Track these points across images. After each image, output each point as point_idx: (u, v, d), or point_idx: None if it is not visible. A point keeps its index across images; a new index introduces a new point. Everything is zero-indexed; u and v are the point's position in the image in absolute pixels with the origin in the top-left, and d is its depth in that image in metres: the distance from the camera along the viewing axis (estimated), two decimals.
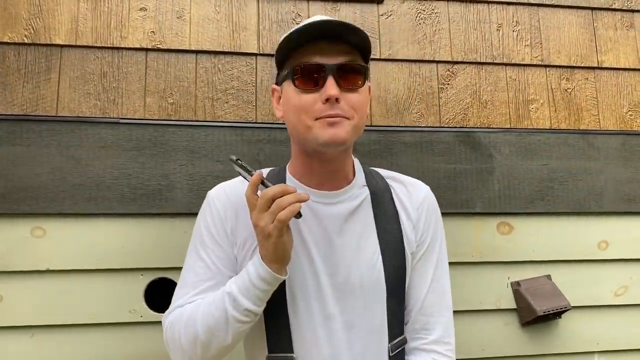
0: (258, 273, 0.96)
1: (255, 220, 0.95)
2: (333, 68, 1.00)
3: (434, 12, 1.89)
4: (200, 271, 1.06)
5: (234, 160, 0.99)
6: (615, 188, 1.87)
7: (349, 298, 1.06)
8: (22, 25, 1.65)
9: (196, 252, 1.08)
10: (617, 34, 1.99)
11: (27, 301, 1.53)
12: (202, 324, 0.98)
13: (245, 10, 1.78)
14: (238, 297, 0.96)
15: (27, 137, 1.59)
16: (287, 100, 1.05)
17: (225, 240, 1.07)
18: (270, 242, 0.94)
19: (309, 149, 1.05)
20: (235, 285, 0.98)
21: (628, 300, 1.84)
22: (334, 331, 1.05)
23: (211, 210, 1.09)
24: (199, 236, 1.09)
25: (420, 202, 1.17)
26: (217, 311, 0.98)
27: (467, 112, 1.86)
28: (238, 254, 1.07)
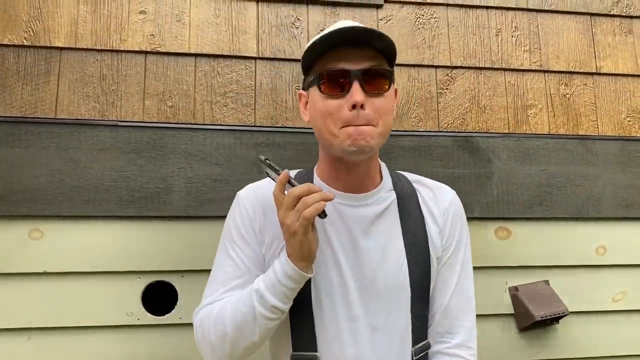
0: (284, 270, 0.98)
1: (282, 218, 0.97)
2: (358, 73, 1.00)
3: (433, 17, 1.90)
4: (229, 269, 1.08)
5: (262, 160, 1.01)
6: (614, 193, 1.87)
7: (373, 301, 1.07)
8: (22, 28, 1.65)
9: (225, 251, 1.11)
10: (615, 39, 2.00)
11: (24, 303, 1.53)
12: (230, 321, 1.00)
13: (244, 14, 1.78)
14: (265, 294, 0.98)
15: (26, 139, 1.59)
16: (313, 105, 1.06)
17: (253, 239, 1.09)
18: (296, 239, 0.95)
19: (335, 154, 1.06)
20: (262, 282, 1.00)
21: (626, 305, 1.84)
22: (358, 333, 1.06)
23: (240, 210, 1.12)
24: (229, 235, 1.12)
25: (447, 207, 1.18)
26: (245, 308, 0.99)
27: (466, 117, 1.86)
28: (266, 252, 1.09)
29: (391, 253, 1.10)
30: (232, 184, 1.66)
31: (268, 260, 1.09)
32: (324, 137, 1.05)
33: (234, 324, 1.00)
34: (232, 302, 1.02)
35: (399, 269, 1.09)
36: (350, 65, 1.01)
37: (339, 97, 1.01)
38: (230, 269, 1.08)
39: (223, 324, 1.01)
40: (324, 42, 1.01)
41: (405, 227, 1.12)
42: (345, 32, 1.00)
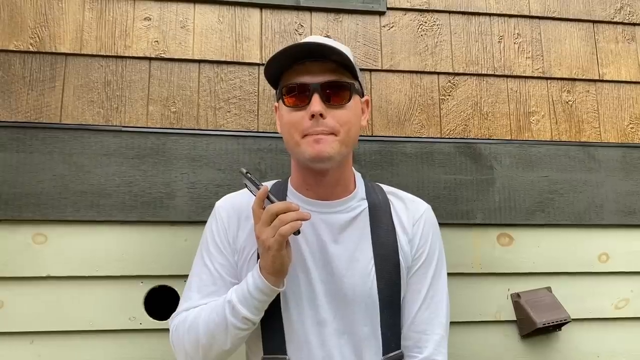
0: (256, 284, 1.02)
1: (258, 233, 1.01)
2: (317, 86, 1.05)
3: (435, 23, 1.91)
4: (204, 277, 1.12)
5: (243, 173, 1.05)
6: (616, 200, 1.87)
7: (341, 306, 1.10)
8: (28, 34, 1.67)
9: (202, 259, 1.15)
10: (618, 47, 2.00)
11: (27, 307, 1.54)
12: (203, 329, 1.04)
13: (248, 21, 1.79)
14: (237, 305, 1.02)
15: (31, 144, 1.60)
16: (280, 117, 1.13)
17: (227, 249, 1.13)
18: (269, 254, 0.99)
19: (302, 163, 1.11)
20: (235, 294, 1.04)
21: (629, 313, 1.83)
22: (326, 336, 1.08)
23: (216, 220, 1.16)
24: (205, 244, 1.16)
25: (418, 218, 1.20)
26: (217, 317, 1.03)
27: (468, 124, 1.86)
28: (238, 260, 1.13)
29: (359, 260, 1.11)
30: (234, 189, 1.64)
31: (240, 267, 1.12)
32: (290, 147, 1.11)
33: (207, 332, 1.04)
34: (206, 310, 1.06)
35: (367, 276, 1.11)
36: (310, 78, 1.06)
37: (301, 108, 1.06)
38: (205, 277, 1.12)
39: (196, 331, 1.05)
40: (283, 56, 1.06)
41: (375, 235, 1.14)
42: (302, 47, 1.05)
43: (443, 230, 1.75)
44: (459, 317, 1.74)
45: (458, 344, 1.73)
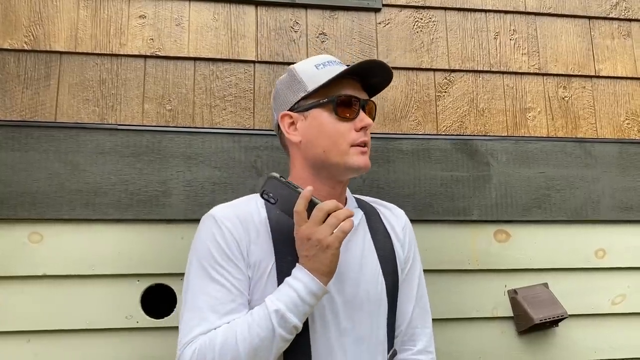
0: (309, 288, 0.97)
1: (310, 233, 0.97)
2: (365, 102, 1.14)
3: (431, 20, 1.91)
4: (218, 294, 1.01)
5: (277, 177, 1.02)
6: (613, 196, 1.87)
7: (357, 313, 1.09)
8: (22, 32, 1.66)
9: (207, 275, 1.03)
10: (614, 42, 2.00)
11: (24, 306, 1.54)
12: (244, 347, 0.94)
13: (243, 18, 1.79)
14: (286, 314, 0.95)
15: (26, 143, 1.60)
16: (318, 126, 1.12)
17: (242, 262, 1.05)
18: (328, 253, 0.96)
19: (333, 172, 1.12)
20: (280, 302, 0.96)
21: (626, 309, 1.83)
22: (347, 346, 1.07)
23: (222, 232, 1.06)
24: (208, 259, 1.04)
25: (404, 224, 1.28)
26: (262, 331, 0.95)
27: (464, 120, 1.86)
28: (253, 275, 1.05)
29: (368, 265, 1.14)
30: (231, 187, 1.66)
31: (255, 282, 1.05)
32: (327, 156, 1.11)
33: (250, 350, 0.94)
34: (243, 326, 0.96)
35: (377, 280, 1.13)
36: (358, 94, 1.14)
37: (348, 120, 1.11)
38: (220, 294, 1.01)
39: (234, 351, 0.94)
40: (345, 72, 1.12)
41: (376, 240, 1.18)
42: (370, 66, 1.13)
43: (440, 227, 1.78)
44: (456, 313, 1.74)
45: (455, 340, 1.73)
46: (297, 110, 1.15)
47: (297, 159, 1.17)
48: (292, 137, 1.15)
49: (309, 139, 1.13)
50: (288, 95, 1.17)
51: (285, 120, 1.16)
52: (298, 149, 1.16)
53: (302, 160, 1.15)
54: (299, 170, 1.17)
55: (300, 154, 1.15)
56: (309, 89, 1.13)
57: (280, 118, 1.16)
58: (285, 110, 1.16)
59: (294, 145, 1.16)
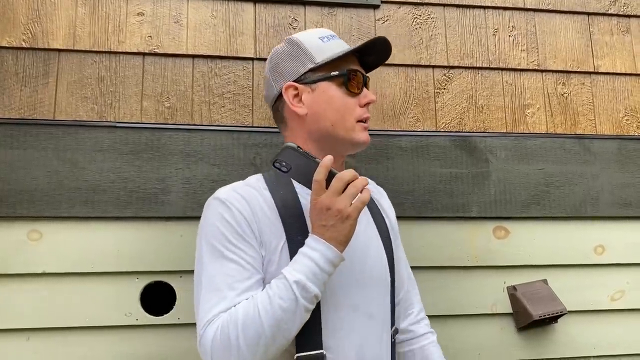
0: (326, 257, 0.96)
1: (329, 203, 0.96)
2: (366, 79, 1.17)
3: (430, 17, 1.90)
4: (233, 273, 1.00)
5: (294, 147, 1.00)
6: (612, 192, 1.87)
7: (366, 290, 1.10)
8: (20, 30, 1.66)
9: (220, 256, 1.02)
10: (613, 39, 2.00)
11: (23, 304, 1.54)
12: (268, 319, 0.93)
13: (242, 15, 1.79)
14: (307, 284, 0.94)
15: (25, 141, 1.59)
16: (328, 99, 1.12)
17: (254, 241, 1.03)
18: (347, 224, 0.97)
19: (339, 146, 1.14)
20: (300, 273, 0.95)
21: (625, 305, 1.84)
22: (358, 322, 1.07)
23: (232, 212, 1.04)
24: (219, 238, 1.03)
25: (388, 201, 1.38)
26: (285, 302, 0.94)
27: (463, 117, 1.86)
28: (265, 254, 1.04)
29: (372, 241, 1.15)
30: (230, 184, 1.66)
31: (267, 260, 1.04)
32: (335, 130, 1.11)
33: (274, 321, 0.93)
34: (264, 300, 0.95)
35: (381, 256, 1.16)
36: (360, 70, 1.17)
37: (356, 95, 1.14)
38: (235, 272, 1.00)
39: (257, 324, 0.93)
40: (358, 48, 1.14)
41: (374, 217, 1.21)
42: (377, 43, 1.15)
43: (439, 223, 1.78)
44: (455, 310, 1.74)
45: (454, 337, 1.74)
46: (304, 81, 1.13)
47: (299, 132, 1.15)
48: (298, 110, 1.13)
49: (316, 111, 1.12)
50: (293, 66, 1.14)
51: (290, 91, 1.13)
52: (301, 122, 1.14)
53: (305, 134, 1.14)
54: (302, 144, 1.14)
55: (304, 127, 1.14)
56: (317, 61, 1.12)
57: (285, 89, 1.13)
58: (290, 82, 1.14)
59: (297, 118, 1.14)
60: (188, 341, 1.59)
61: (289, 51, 1.16)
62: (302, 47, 1.14)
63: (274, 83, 1.18)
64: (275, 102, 1.18)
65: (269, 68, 1.20)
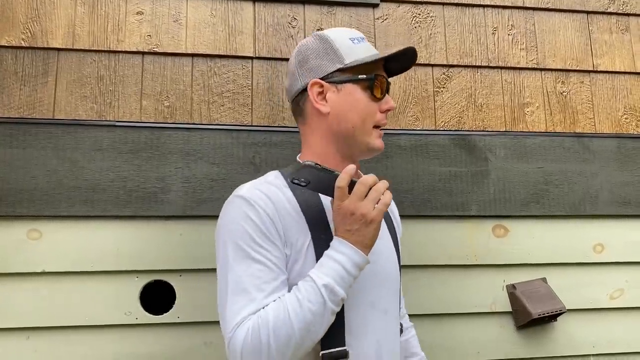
0: (353, 261, 0.98)
1: (354, 208, 0.97)
2: (389, 85, 1.18)
3: (429, 15, 1.90)
4: (260, 274, 0.99)
5: (312, 164, 1.00)
6: (611, 191, 1.87)
7: (381, 288, 1.12)
8: (20, 29, 1.66)
9: (246, 256, 1.00)
10: (612, 37, 2.00)
11: (23, 303, 1.54)
12: (298, 322, 0.93)
13: (241, 14, 1.79)
14: (335, 287, 0.96)
15: (24, 140, 1.60)
16: (353, 101, 1.12)
17: (279, 241, 1.03)
18: (371, 227, 0.98)
19: (356, 150, 1.14)
20: (328, 276, 0.96)
21: (624, 303, 1.84)
22: (376, 319, 1.09)
23: (257, 211, 1.02)
24: (245, 239, 1.01)
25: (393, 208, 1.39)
26: (314, 306, 0.94)
27: (463, 116, 1.86)
28: (291, 253, 1.04)
29: (385, 242, 1.17)
30: (229, 183, 1.66)
31: (293, 261, 1.03)
32: (354, 133, 1.12)
33: (304, 324, 0.94)
34: (293, 302, 0.95)
35: (391, 253, 1.18)
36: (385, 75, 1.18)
37: (378, 101, 1.14)
38: (262, 273, 0.99)
39: (288, 327, 0.93)
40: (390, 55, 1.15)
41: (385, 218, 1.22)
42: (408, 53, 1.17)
43: (438, 222, 1.78)
44: (455, 308, 1.75)
45: (454, 335, 1.74)
46: (330, 80, 1.12)
47: (319, 130, 1.14)
48: (322, 107, 1.12)
49: (339, 112, 1.12)
50: (322, 63, 1.13)
51: (315, 88, 1.13)
52: (322, 120, 1.13)
53: (326, 133, 1.14)
54: (319, 141, 1.15)
55: (324, 126, 1.13)
56: (346, 62, 1.12)
57: (311, 85, 1.12)
58: (317, 79, 1.13)
59: (319, 116, 1.14)
60: (188, 340, 1.59)
61: (319, 48, 1.15)
62: (333, 46, 1.13)
63: (300, 77, 1.16)
64: (297, 96, 1.17)
65: (297, 61, 1.18)
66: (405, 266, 1.73)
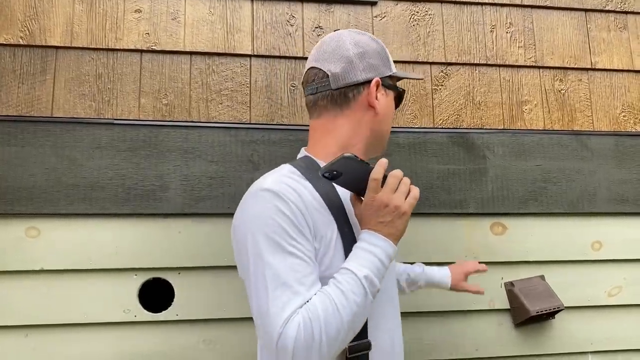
0: (387, 252, 1.00)
1: (387, 200, 0.99)
2: None
3: (427, 13, 1.90)
4: (298, 267, 0.97)
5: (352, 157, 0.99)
6: (609, 189, 1.87)
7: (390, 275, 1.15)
8: (18, 27, 1.66)
9: (283, 250, 0.97)
10: (610, 35, 2.00)
11: (21, 301, 1.54)
12: (346, 314, 0.93)
13: (239, 12, 1.79)
14: (374, 279, 0.97)
15: (22, 138, 1.60)
16: (390, 107, 1.19)
17: (309, 235, 1.01)
18: (404, 219, 1.01)
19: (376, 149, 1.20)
20: (366, 268, 0.97)
21: (622, 300, 1.84)
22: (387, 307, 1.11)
23: (288, 205, 1.00)
24: (279, 232, 0.98)
25: None
26: (358, 297, 0.95)
27: (461, 113, 1.86)
28: (320, 246, 1.03)
29: None
30: (227, 181, 1.66)
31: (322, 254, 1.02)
32: (385, 136, 1.19)
33: (351, 316, 0.94)
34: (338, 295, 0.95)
35: None
36: None
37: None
38: (300, 267, 0.97)
39: (338, 320, 0.92)
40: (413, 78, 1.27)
41: None
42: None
43: (437, 220, 1.78)
44: (453, 306, 1.75)
45: (452, 332, 1.74)
46: (383, 84, 1.15)
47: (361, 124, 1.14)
48: (377, 105, 1.13)
49: (385, 114, 1.16)
50: (382, 65, 1.16)
51: (373, 87, 1.13)
52: (370, 117, 1.14)
53: (366, 129, 1.14)
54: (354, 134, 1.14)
55: (369, 122, 1.14)
56: (394, 71, 1.18)
57: (375, 82, 1.13)
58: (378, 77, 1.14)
59: (370, 112, 1.14)
60: (186, 338, 1.59)
61: (377, 48, 1.17)
62: (386, 53, 1.19)
63: (360, 70, 1.13)
64: (350, 86, 1.14)
65: (357, 52, 1.14)
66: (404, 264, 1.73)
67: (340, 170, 1.00)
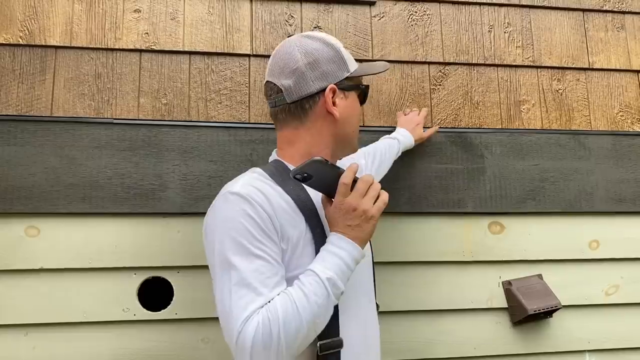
0: (352, 255, 1.02)
1: (356, 205, 1.02)
2: None
3: (425, 13, 1.91)
4: (263, 269, 0.99)
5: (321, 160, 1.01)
6: (606, 188, 1.88)
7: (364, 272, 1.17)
8: (17, 27, 1.66)
9: (248, 252, 1.00)
10: (608, 35, 2.01)
11: (21, 300, 1.55)
12: (306, 315, 0.95)
13: (238, 12, 1.79)
14: (337, 282, 0.99)
15: (22, 137, 1.60)
16: (354, 108, 1.19)
17: (275, 237, 1.03)
18: (371, 223, 1.03)
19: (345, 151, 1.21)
20: (330, 271, 0.99)
21: (619, 299, 1.85)
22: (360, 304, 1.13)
23: (254, 208, 1.02)
24: (245, 235, 1.00)
25: None
26: (319, 299, 0.97)
27: (459, 113, 1.87)
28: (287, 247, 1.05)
29: None
30: (226, 180, 1.65)
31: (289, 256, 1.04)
32: (352, 137, 1.19)
33: (311, 317, 0.96)
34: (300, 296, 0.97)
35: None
36: None
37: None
38: (265, 268, 0.99)
39: (297, 320, 0.95)
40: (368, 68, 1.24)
41: None
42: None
43: (434, 219, 1.79)
44: (451, 305, 1.76)
45: (450, 331, 1.75)
46: (340, 87, 1.15)
47: (322, 133, 1.15)
48: (335, 112, 1.14)
49: (345, 117, 1.16)
50: (334, 69, 1.15)
51: (330, 94, 1.13)
52: (331, 124, 1.15)
53: (329, 136, 1.15)
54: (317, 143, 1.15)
55: (332, 130, 1.15)
56: (351, 71, 1.17)
57: (329, 90, 1.13)
58: (333, 84, 1.14)
59: (329, 119, 1.14)
60: (185, 336, 1.60)
61: (330, 53, 1.15)
62: (340, 53, 1.16)
63: (312, 81, 1.14)
64: (305, 98, 1.15)
65: (307, 62, 1.14)
66: (402, 263, 1.74)
67: (311, 172, 1.02)
